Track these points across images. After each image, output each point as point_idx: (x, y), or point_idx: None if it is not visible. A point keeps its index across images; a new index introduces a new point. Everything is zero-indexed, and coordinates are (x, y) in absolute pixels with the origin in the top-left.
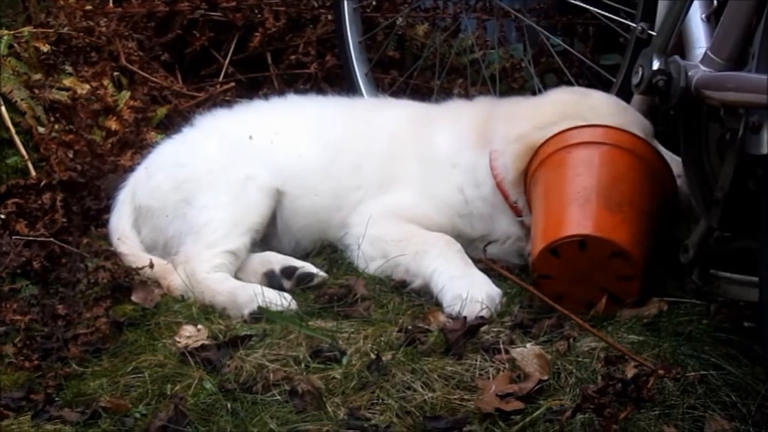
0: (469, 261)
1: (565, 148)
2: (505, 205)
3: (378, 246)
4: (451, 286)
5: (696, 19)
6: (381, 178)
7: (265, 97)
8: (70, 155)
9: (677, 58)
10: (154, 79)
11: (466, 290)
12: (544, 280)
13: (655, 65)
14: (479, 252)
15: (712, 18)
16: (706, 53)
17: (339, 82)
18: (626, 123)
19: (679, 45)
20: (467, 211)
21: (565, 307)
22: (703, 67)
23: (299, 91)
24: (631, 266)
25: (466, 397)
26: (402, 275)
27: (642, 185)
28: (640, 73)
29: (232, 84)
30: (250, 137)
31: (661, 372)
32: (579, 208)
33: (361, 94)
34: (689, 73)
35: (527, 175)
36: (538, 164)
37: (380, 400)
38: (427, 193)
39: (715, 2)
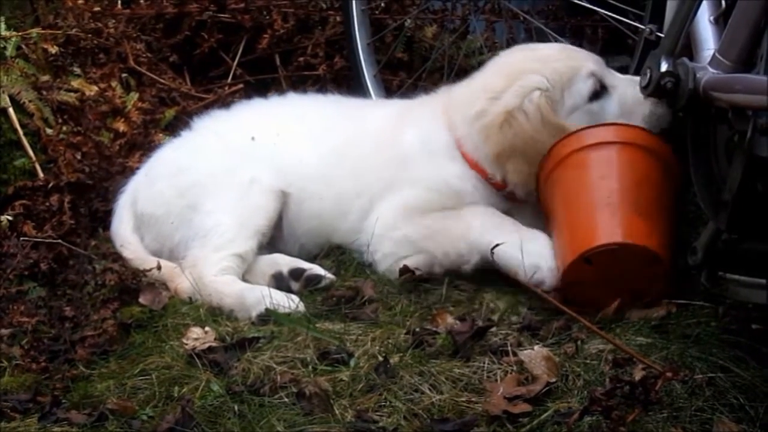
0: (509, 218)
1: (584, 149)
2: (485, 182)
3: (406, 246)
4: (517, 254)
5: (704, 21)
6: (381, 182)
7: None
8: (78, 157)
9: (685, 60)
10: (163, 81)
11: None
12: (573, 287)
13: (664, 67)
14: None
15: (721, 20)
16: (714, 55)
17: (347, 84)
18: (576, 63)
19: (688, 47)
20: (456, 190)
21: (584, 308)
22: (711, 69)
23: (305, 93)
24: (663, 269)
25: (473, 399)
26: (451, 263)
27: (662, 184)
28: (649, 74)
29: (241, 86)
30: (252, 138)
31: (669, 374)
32: (611, 215)
33: (370, 96)
34: (697, 75)
35: (541, 175)
36: (555, 165)
37: (388, 403)
38: (422, 187)
39: (724, 4)
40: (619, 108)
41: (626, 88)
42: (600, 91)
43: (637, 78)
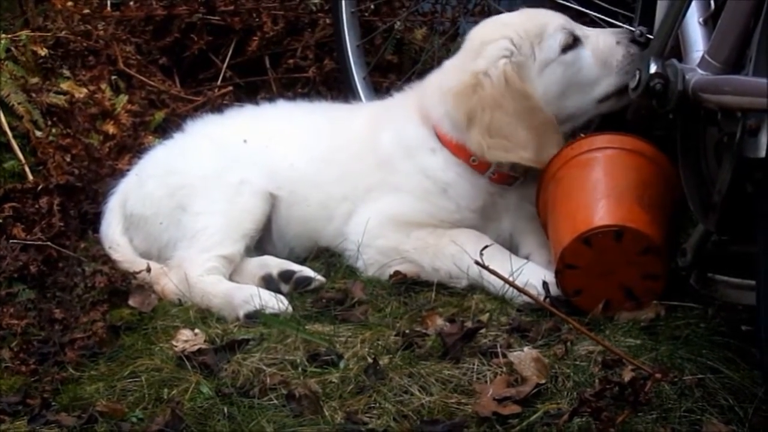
0: (502, 248)
1: (592, 151)
2: (468, 167)
3: (392, 254)
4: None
5: (693, 23)
6: (365, 186)
7: (257, 102)
8: (68, 159)
9: (675, 61)
10: (152, 83)
11: (525, 280)
12: (568, 270)
13: (653, 69)
14: None
15: (710, 21)
16: (703, 56)
17: (337, 86)
18: (544, 20)
19: (677, 48)
20: (440, 188)
21: (583, 303)
22: (700, 71)
23: (297, 95)
24: (660, 265)
25: (463, 401)
26: (439, 279)
27: (665, 194)
28: (638, 76)
29: (230, 88)
30: (245, 141)
31: (658, 375)
32: (615, 202)
33: (360, 98)
34: (686, 77)
35: (546, 176)
36: (561, 165)
37: (377, 404)
38: (406, 192)
39: (713, 5)
40: (593, 56)
41: (598, 36)
42: (572, 43)
43: (608, 29)
